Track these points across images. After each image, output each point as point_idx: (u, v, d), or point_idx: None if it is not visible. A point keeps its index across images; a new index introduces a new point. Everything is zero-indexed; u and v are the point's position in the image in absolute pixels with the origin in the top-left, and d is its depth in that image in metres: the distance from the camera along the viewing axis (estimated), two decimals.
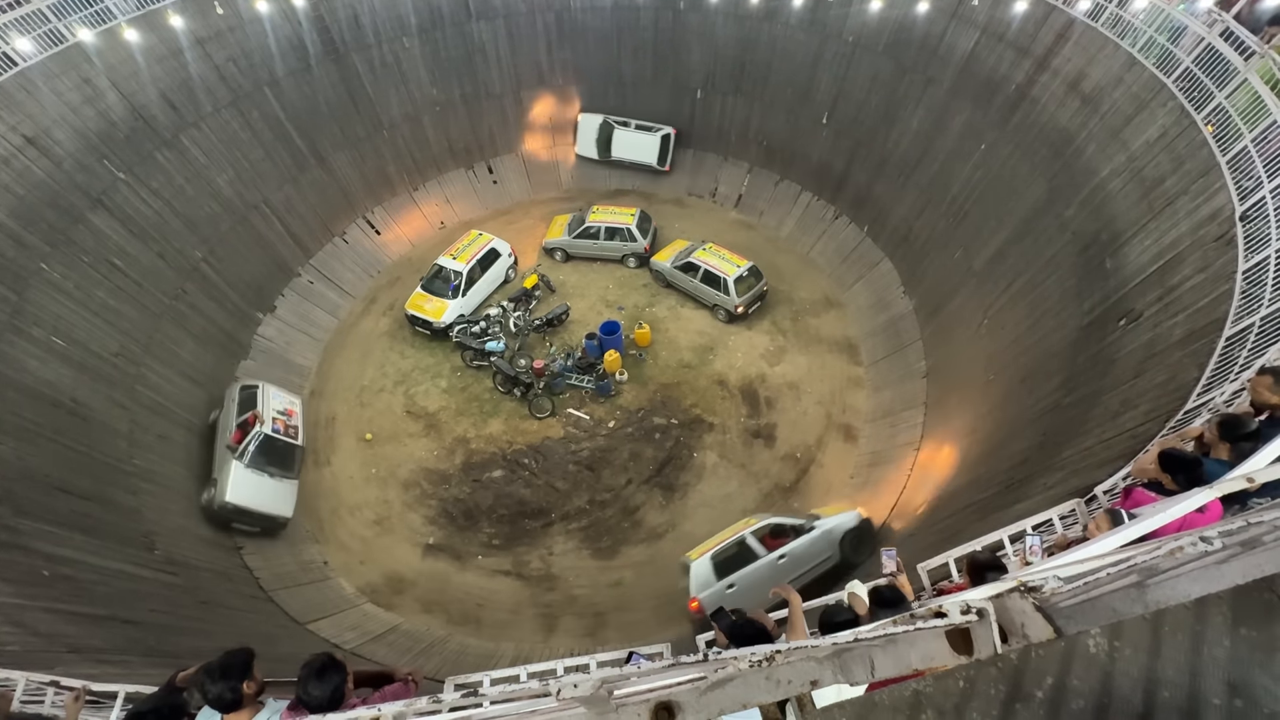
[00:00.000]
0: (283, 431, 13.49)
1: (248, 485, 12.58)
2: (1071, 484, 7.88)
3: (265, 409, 13.49)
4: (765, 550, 11.35)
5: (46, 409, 10.88)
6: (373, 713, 0.91)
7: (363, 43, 17.09)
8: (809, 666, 1.65)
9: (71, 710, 4.17)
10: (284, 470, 13.30)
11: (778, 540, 11.47)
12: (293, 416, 14.01)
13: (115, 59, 13.16)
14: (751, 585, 10.99)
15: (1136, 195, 10.95)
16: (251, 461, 12.80)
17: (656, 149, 19.35)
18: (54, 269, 11.85)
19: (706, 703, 1.56)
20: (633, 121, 19.43)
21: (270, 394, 13.94)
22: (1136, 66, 11.55)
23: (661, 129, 19.31)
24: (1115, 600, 1.96)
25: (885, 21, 15.73)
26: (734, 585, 11.09)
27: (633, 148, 19.48)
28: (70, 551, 9.36)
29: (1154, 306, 9.76)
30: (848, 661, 1.61)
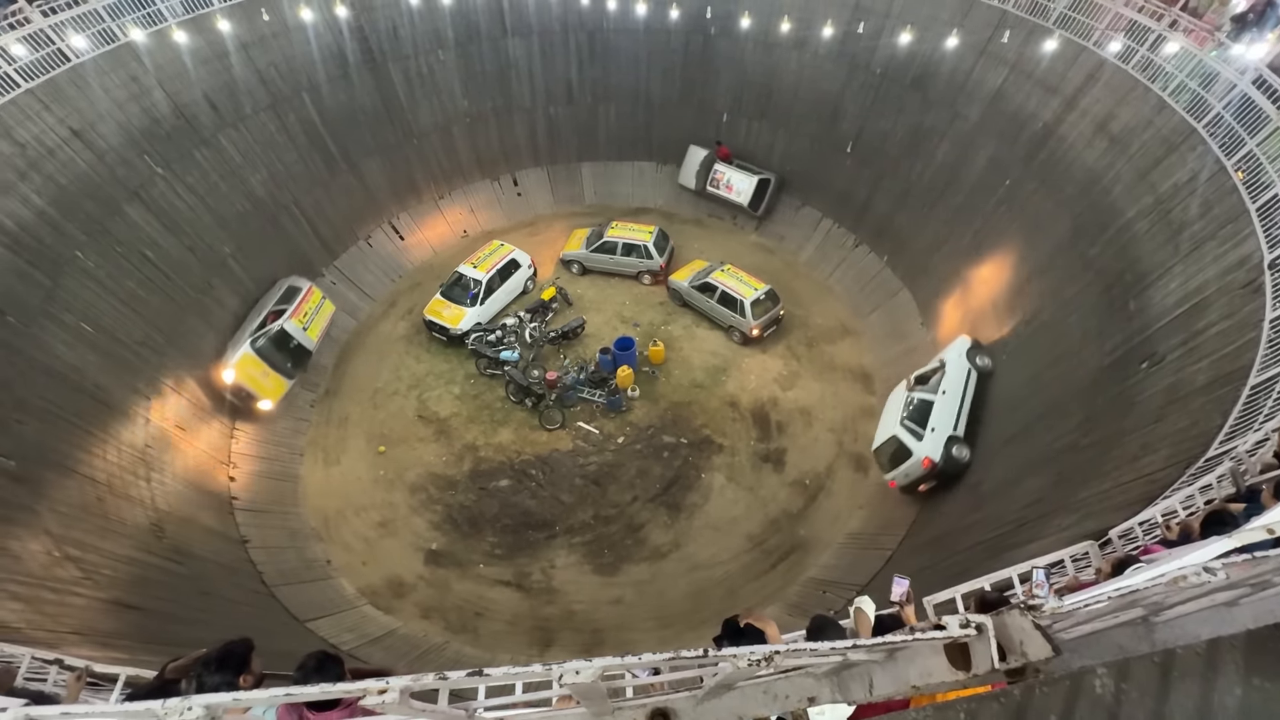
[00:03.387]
0: (714, 180, 16.67)
1: (693, 160, 16.37)
2: (1086, 526, 7.72)
3: (731, 173, 16.70)
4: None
5: (70, 393, 11.12)
6: (380, 684, 0.93)
7: (400, 53, 17.57)
8: (806, 682, 1.64)
9: (73, 689, 4.20)
10: (699, 179, 16.75)
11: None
12: (729, 191, 17.49)
13: (163, 59, 13.65)
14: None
15: (1163, 237, 10.85)
16: (701, 160, 16.21)
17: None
18: (89, 257, 12.19)
19: (703, 712, 1.55)
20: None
21: (746, 178, 16.89)
22: (1167, 110, 11.52)
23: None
24: (1121, 636, 1.92)
25: (914, 55, 15.86)
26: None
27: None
28: (81, 534, 9.50)
29: (1177, 350, 9.61)
30: (846, 679, 1.59)
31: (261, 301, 15.55)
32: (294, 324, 14.84)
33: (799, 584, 12.84)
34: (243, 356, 14.12)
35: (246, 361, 14.15)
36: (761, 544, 13.46)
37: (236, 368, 13.99)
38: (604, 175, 20.99)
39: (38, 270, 11.25)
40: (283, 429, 15.07)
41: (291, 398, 15.54)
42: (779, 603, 12.41)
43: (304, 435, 15.23)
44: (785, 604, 12.36)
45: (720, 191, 19.24)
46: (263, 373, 14.30)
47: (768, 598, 12.54)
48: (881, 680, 1.35)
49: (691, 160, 19.58)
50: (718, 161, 19.32)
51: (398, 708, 0.96)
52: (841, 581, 12.47)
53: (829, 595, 12.24)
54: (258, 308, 15.36)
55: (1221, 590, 1.38)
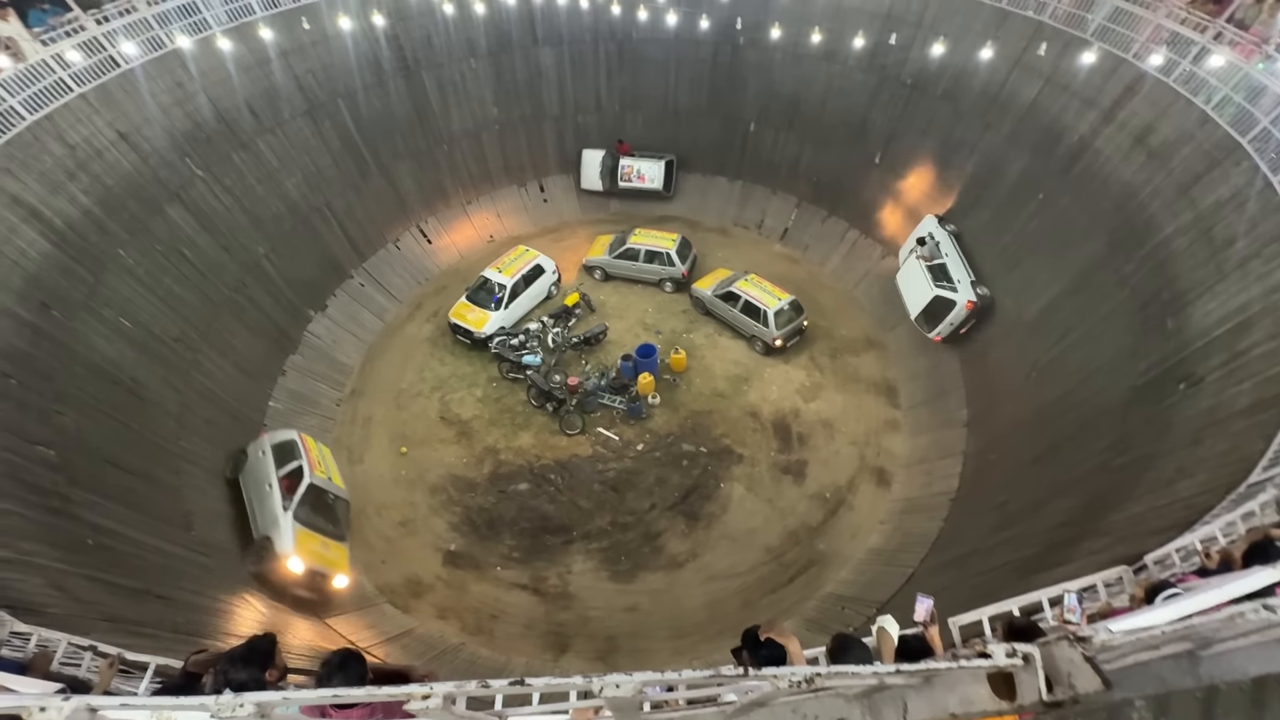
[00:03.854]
0: (623, 175, 17.72)
1: (591, 162, 16.77)
2: (1118, 551, 7.48)
3: (637, 164, 17.57)
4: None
5: (107, 385, 11.47)
6: (424, 690, 0.94)
7: (433, 61, 17.91)
8: (837, 704, 1.61)
9: (105, 675, 4.31)
10: (606, 180, 17.73)
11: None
12: (641, 181, 18.49)
13: (207, 65, 14.10)
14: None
15: (1204, 255, 10.55)
16: (601, 161, 17.02)
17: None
18: (130, 255, 12.59)
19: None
20: (946, 257, 15.95)
21: (654, 165, 17.96)
22: (1210, 124, 11.22)
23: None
24: (1165, 668, 1.85)
25: (946, 66, 15.70)
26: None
27: (909, 284, 16.31)
28: (114, 524, 9.76)
29: (1217, 372, 9.31)
30: (878, 702, 1.56)
31: (253, 473, 12.54)
32: (319, 476, 12.43)
33: (817, 599, 12.66)
34: (297, 536, 11.47)
35: (303, 540, 11.54)
36: (780, 557, 13.31)
37: (298, 552, 11.31)
38: None
39: (81, 266, 11.66)
40: (308, 426, 15.32)
41: (316, 396, 15.85)
42: (796, 617, 12.24)
43: (329, 434, 15.49)
44: (803, 619, 12.19)
45: (634, 184, 19.92)
46: (321, 544, 11.86)
47: (785, 612, 12.37)
48: (917, 705, 1.32)
49: (590, 164, 20.00)
50: (622, 158, 19.79)
51: (439, 713, 0.97)
52: (861, 598, 12.26)
53: (848, 612, 12.05)
54: (254, 481, 12.37)
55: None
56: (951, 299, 14.77)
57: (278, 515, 11.68)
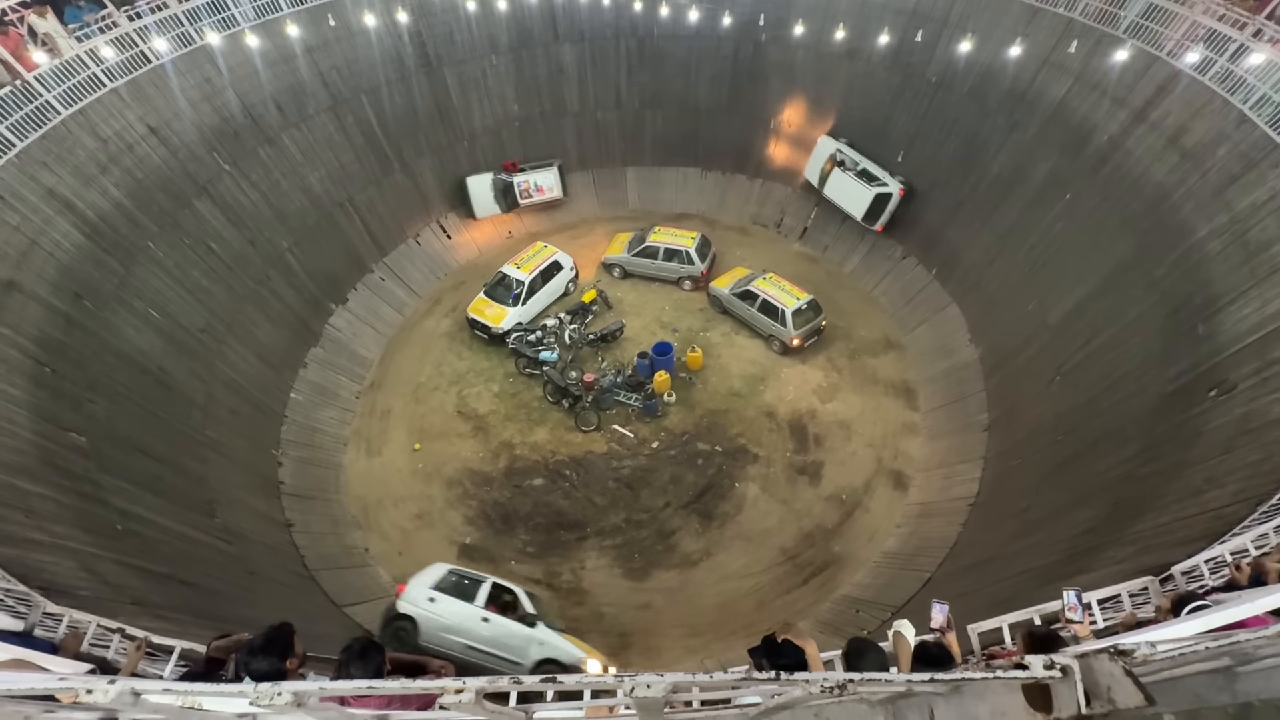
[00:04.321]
0: (521, 190, 19.34)
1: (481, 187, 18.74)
2: (1143, 561, 7.33)
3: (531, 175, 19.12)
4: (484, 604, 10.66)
5: (136, 375, 11.75)
6: (457, 684, 0.95)
7: (455, 58, 18.02)
8: (861, 709, 1.59)
9: (133, 658, 4.42)
10: (502, 202, 19.15)
11: None
12: (540, 193, 19.49)
13: (235, 61, 14.34)
14: (447, 614, 10.54)
15: (1238, 259, 10.26)
16: (492, 183, 18.86)
17: (867, 204, 17.12)
18: (159, 248, 12.87)
19: None
20: (859, 164, 17.40)
21: (547, 174, 19.12)
22: (1247, 124, 10.90)
23: (884, 184, 16.95)
24: (1200, 684, 1.81)
25: (972, 64, 15.44)
26: (434, 600, 10.66)
27: (844, 195, 17.55)
28: (142, 510, 10.00)
29: (1251, 379, 9.06)
30: (903, 709, 1.55)
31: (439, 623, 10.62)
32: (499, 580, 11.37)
33: (831, 601, 12.57)
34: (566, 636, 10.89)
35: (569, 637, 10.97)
36: (794, 558, 13.24)
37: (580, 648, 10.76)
38: (648, 180, 21.07)
39: (113, 258, 11.94)
40: (328, 418, 15.58)
41: (336, 389, 16.08)
42: (810, 619, 12.17)
43: (349, 425, 15.72)
44: (817, 621, 12.11)
45: (535, 198, 19.54)
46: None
47: (799, 613, 12.31)
48: (944, 713, 1.31)
49: (480, 191, 19.00)
50: (515, 175, 19.28)
51: (470, 708, 0.98)
52: (876, 601, 12.15)
53: (862, 615, 11.95)
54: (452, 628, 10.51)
55: None
56: (888, 192, 17.14)
57: (532, 636, 10.48)
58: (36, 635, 5.43)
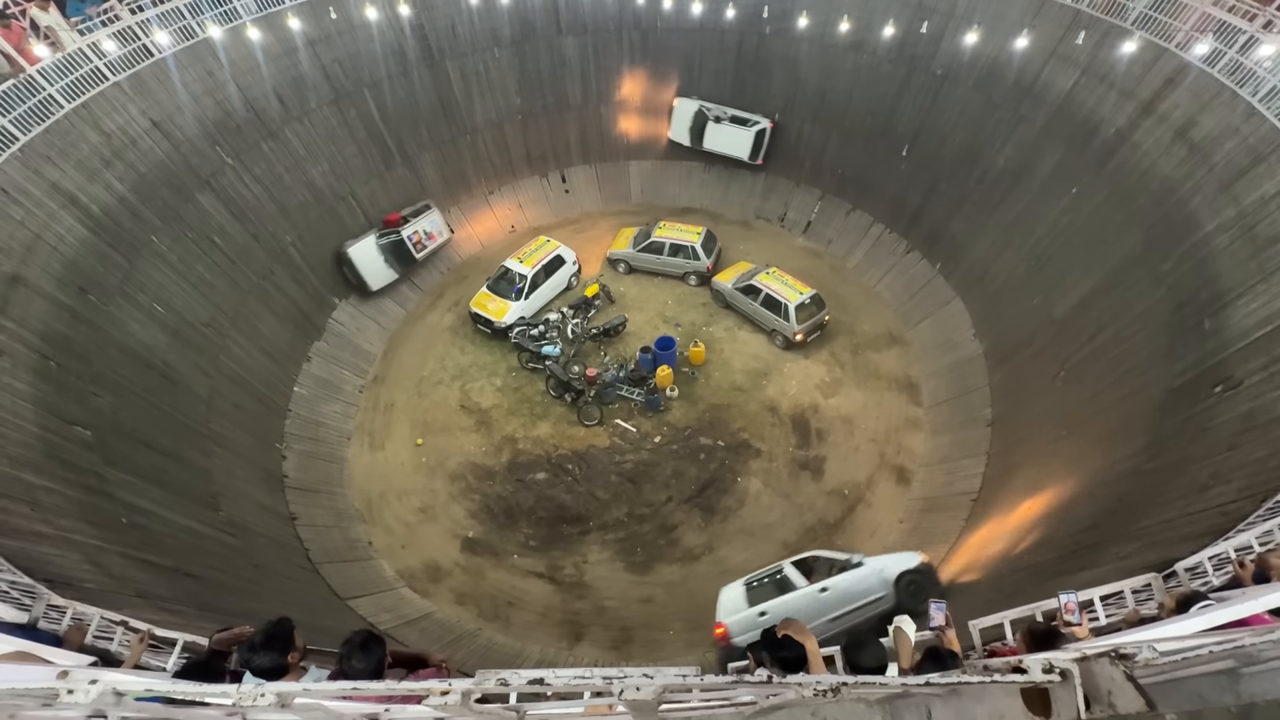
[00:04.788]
0: (415, 244, 17.39)
1: (367, 254, 16.73)
2: (1147, 557, 7.30)
3: (417, 224, 17.46)
4: (806, 580, 10.96)
5: (141, 369, 11.79)
6: (444, 685, 0.93)
7: (457, 51, 17.94)
8: (858, 709, 1.58)
9: (136, 650, 4.44)
10: (396, 265, 17.20)
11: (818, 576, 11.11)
12: (432, 240, 17.90)
13: (237, 55, 14.30)
14: (786, 615, 10.60)
15: (1246, 253, 10.16)
16: (380, 246, 16.84)
17: (750, 144, 19.03)
18: (162, 242, 12.89)
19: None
20: (728, 112, 19.17)
21: (431, 217, 17.81)
22: (1256, 117, 10.77)
23: (758, 123, 18.93)
24: (1203, 685, 1.79)
25: (978, 56, 15.28)
26: (766, 614, 10.74)
27: (725, 141, 19.26)
28: (146, 503, 10.06)
29: (1257, 375, 8.98)
30: (900, 709, 1.53)
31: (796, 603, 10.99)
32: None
33: None
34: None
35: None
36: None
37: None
38: (652, 174, 20.99)
39: (117, 252, 11.96)
40: (332, 412, 15.62)
41: (340, 382, 16.12)
42: None
43: (352, 419, 15.76)
44: None
45: (430, 245, 17.82)
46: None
47: None
48: (942, 714, 1.29)
49: (366, 259, 16.81)
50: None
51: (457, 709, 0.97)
52: None
53: None
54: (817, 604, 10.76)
55: None
56: (763, 128, 18.81)
57: (868, 570, 10.82)
58: (40, 628, 5.47)
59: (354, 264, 16.72)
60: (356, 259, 16.72)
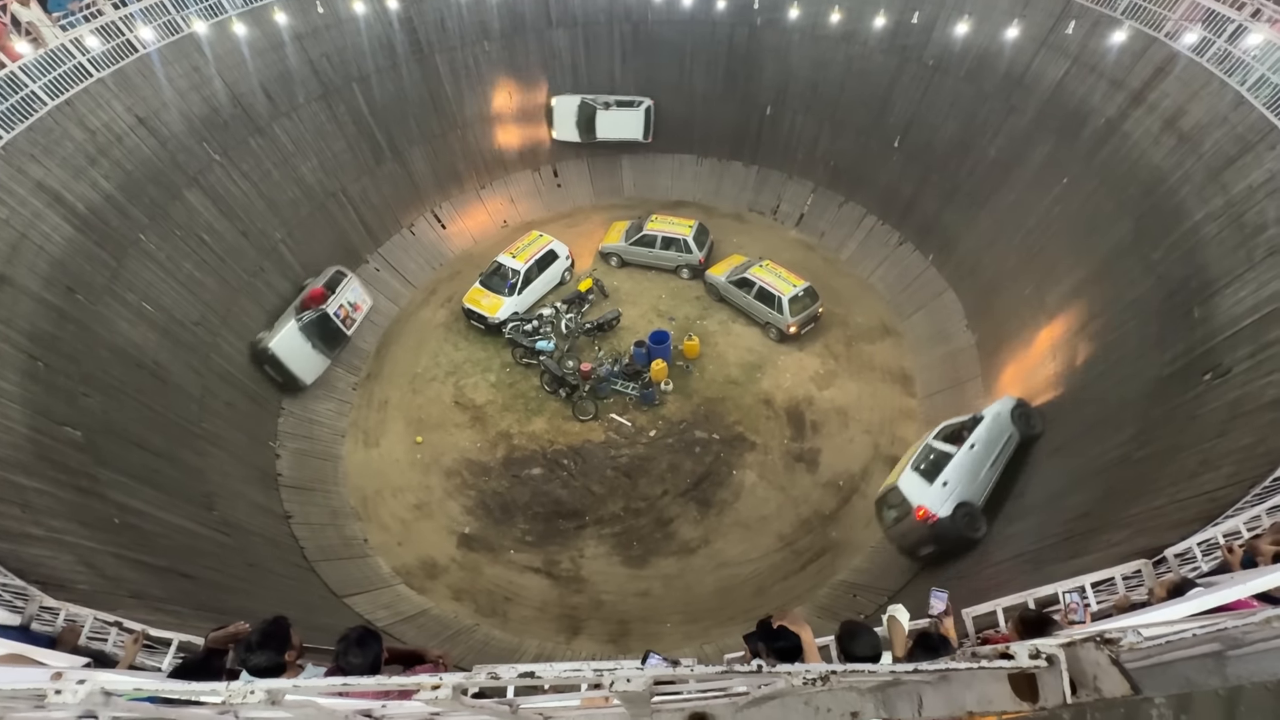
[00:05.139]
0: (342, 318, 15.43)
1: (292, 343, 14.41)
2: (1138, 543, 7.38)
3: (341, 295, 15.60)
4: (955, 446, 12.04)
5: (131, 369, 11.70)
6: (434, 680, 0.94)
7: (447, 45, 17.79)
8: (850, 697, 1.59)
9: (130, 651, 4.42)
10: (326, 348, 15.19)
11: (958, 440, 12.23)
12: (358, 311, 16.02)
13: (223, 50, 14.14)
14: (962, 477, 11.74)
15: (1234, 242, 10.23)
16: (304, 327, 14.56)
17: (642, 124, 19.38)
18: (150, 240, 12.76)
19: (742, 719, 1.53)
20: (612, 99, 19.35)
21: (351, 286, 16.06)
22: (1244, 106, 10.82)
23: (643, 102, 19.31)
24: (1190, 668, 1.81)
25: (969, 46, 15.28)
26: (947, 483, 11.66)
27: (617, 126, 19.45)
28: (139, 503, 10.01)
29: (1245, 363, 9.07)
30: (893, 696, 1.55)
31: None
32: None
33: (829, 586, 12.67)
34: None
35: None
36: (792, 544, 13.32)
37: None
38: (644, 167, 20.91)
39: (104, 251, 11.84)
40: (326, 410, 15.56)
41: (333, 380, 16.04)
42: (808, 604, 12.27)
43: (346, 417, 15.70)
44: (814, 605, 12.21)
45: (358, 318, 16.22)
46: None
47: (797, 598, 12.40)
48: (933, 701, 1.30)
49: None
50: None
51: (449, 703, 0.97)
52: (873, 586, 12.25)
53: (859, 599, 12.05)
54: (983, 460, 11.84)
55: None
56: (649, 105, 19.32)
57: (994, 417, 12.46)
58: (34, 629, 5.44)
59: (279, 360, 14.08)
60: (281, 353, 14.09)
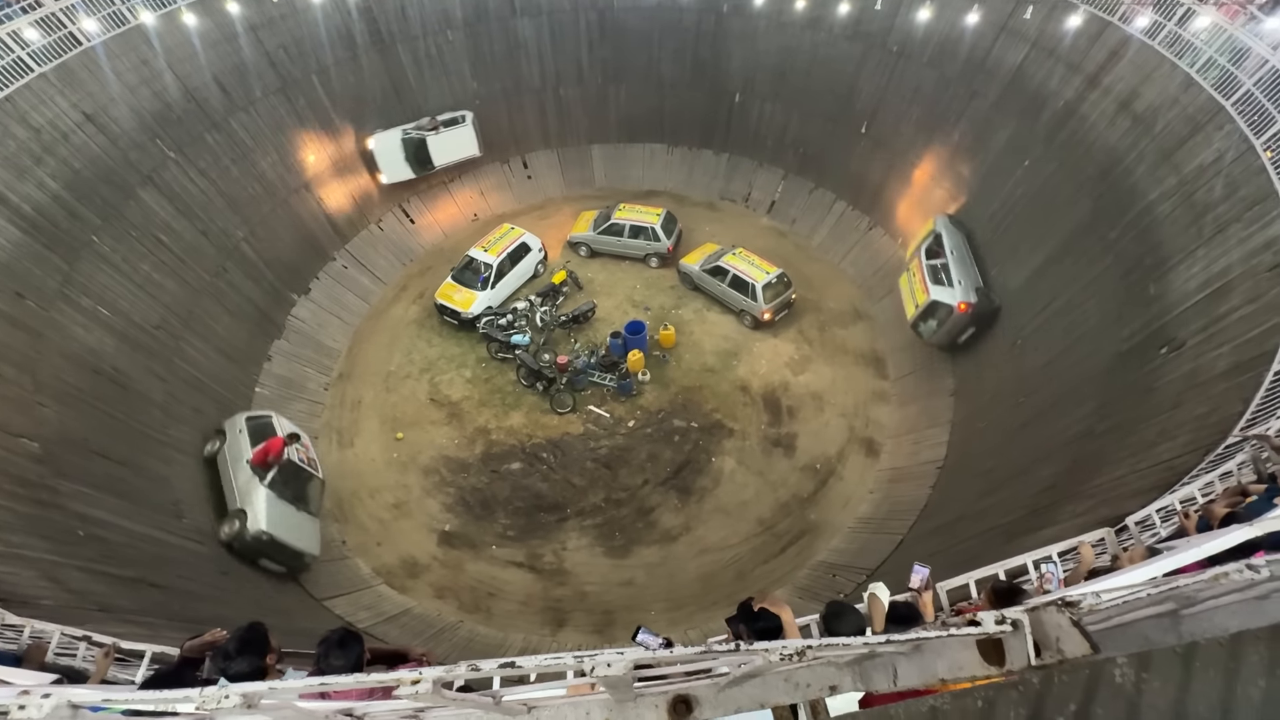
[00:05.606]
0: (305, 463, 12.81)
1: (279, 515, 11.59)
2: (1101, 513, 7.66)
3: (294, 450, 12.64)
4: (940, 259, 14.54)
5: (89, 375, 11.28)
6: (414, 675, 0.93)
7: (408, 34, 17.40)
8: (829, 671, 1.64)
9: (101, 665, 4.30)
10: (304, 504, 12.36)
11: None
12: (308, 449, 13.30)
13: (173, 42, 13.61)
14: (962, 273, 14.46)
15: (1186, 220, 10.61)
16: (275, 487, 11.79)
17: (474, 138, 18.32)
18: (104, 242, 12.28)
19: (725, 699, 1.56)
20: (437, 119, 18.04)
21: (283, 425, 13.19)
22: (1194, 87, 11.19)
23: (464, 115, 18.25)
24: (1148, 628, 1.90)
25: (932, 32, 15.49)
26: (960, 280, 14.27)
27: (452, 148, 18.21)
28: (104, 514, 9.69)
29: (1198, 336, 9.44)
30: (869, 669, 1.59)
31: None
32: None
33: (809, 568, 12.90)
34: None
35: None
36: (771, 528, 13.52)
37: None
38: (615, 158, 20.80)
39: (54, 254, 11.36)
40: (297, 412, 15.22)
41: (304, 381, 15.71)
42: (788, 586, 12.49)
43: (318, 418, 15.40)
44: (795, 587, 12.44)
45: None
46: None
47: (777, 581, 12.62)
48: (907, 671, 1.35)
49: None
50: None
51: (430, 697, 0.96)
52: (852, 565, 12.51)
53: (839, 579, 12.30)
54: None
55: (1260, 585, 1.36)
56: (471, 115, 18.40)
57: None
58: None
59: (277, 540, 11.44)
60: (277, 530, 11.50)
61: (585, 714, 1.53)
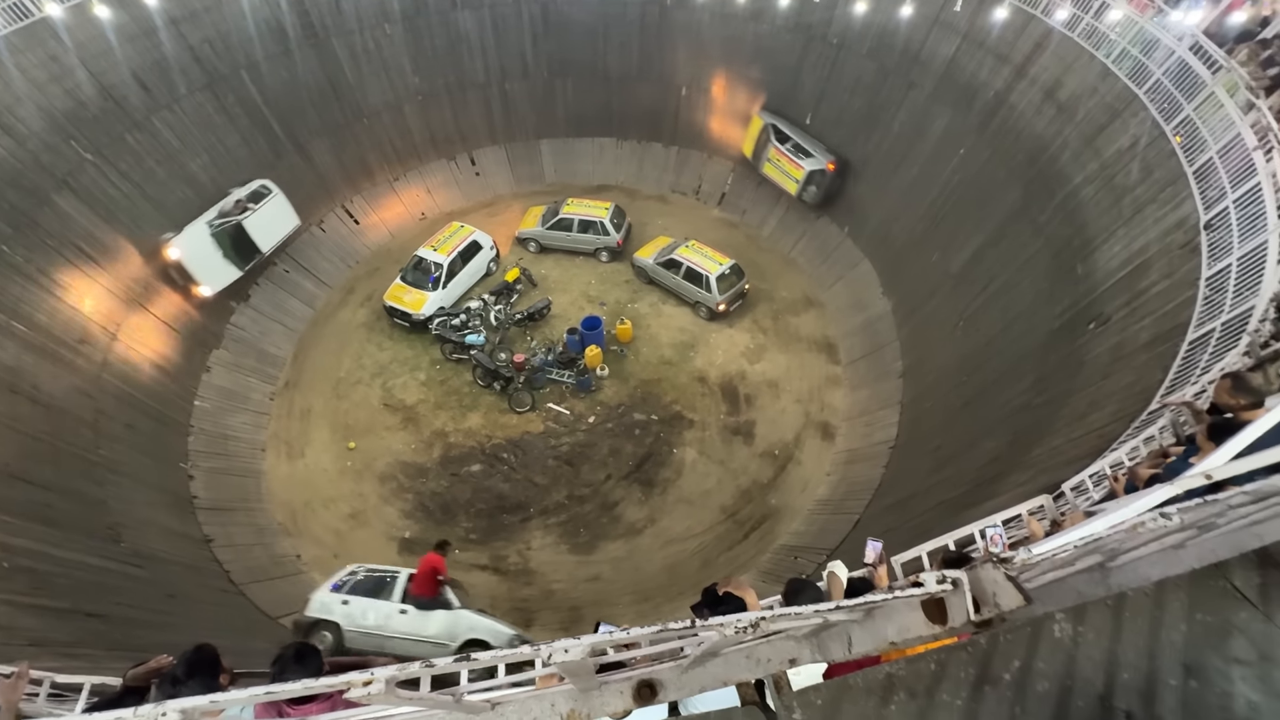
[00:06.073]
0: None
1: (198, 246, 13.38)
2: (1040, 481, 8.08)
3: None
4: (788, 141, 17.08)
5: (4, 395, 10.51)
6: (365, 676, 0.91)
7: (344, 28, 16.77)
8: (787, 645, 1.68)
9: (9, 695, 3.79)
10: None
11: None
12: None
13: (84, 36, 12.73)
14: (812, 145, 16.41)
15: (1108, 202, 11.25)
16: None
17: (289, 206, 15.96)
18: (16, 251, 11.45)
19: (688, 680, 1.58)
20: (240, 194, 15.25)
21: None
22: (1110, 77, 11.85)
23: (263, 183, 15.66)
24: (1080, 582, 2.03)
25: (869, 25, 15.91)
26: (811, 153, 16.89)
27: (276, 225, 15.73)
28: (29, 542, 9.06)
29: (1122, 311, 10.05)
30: (826, 640, 1.64)
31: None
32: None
33: (771, 551, 13.18)
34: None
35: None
36: (734, 515, 13.73)
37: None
38: (564, 152, 20.62)
39: None
40: (240, 424, 14.59)
41: (247, 391, 15.04)
42: (752, 570, 12.73)
43: (265, 429, 14.78)
44: (759, 571, 12.68)
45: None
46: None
47: (741, 566, 12.84)
48: (860, 638, 1.40)
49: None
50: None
51: (384, 698, 0.94)
52: (812, 546, 12.84)
53: (800, 561, 12.60)
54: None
55: (1174, 534, 1.47)
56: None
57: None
58: None
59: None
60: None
61: (550, 705, 1.53)
